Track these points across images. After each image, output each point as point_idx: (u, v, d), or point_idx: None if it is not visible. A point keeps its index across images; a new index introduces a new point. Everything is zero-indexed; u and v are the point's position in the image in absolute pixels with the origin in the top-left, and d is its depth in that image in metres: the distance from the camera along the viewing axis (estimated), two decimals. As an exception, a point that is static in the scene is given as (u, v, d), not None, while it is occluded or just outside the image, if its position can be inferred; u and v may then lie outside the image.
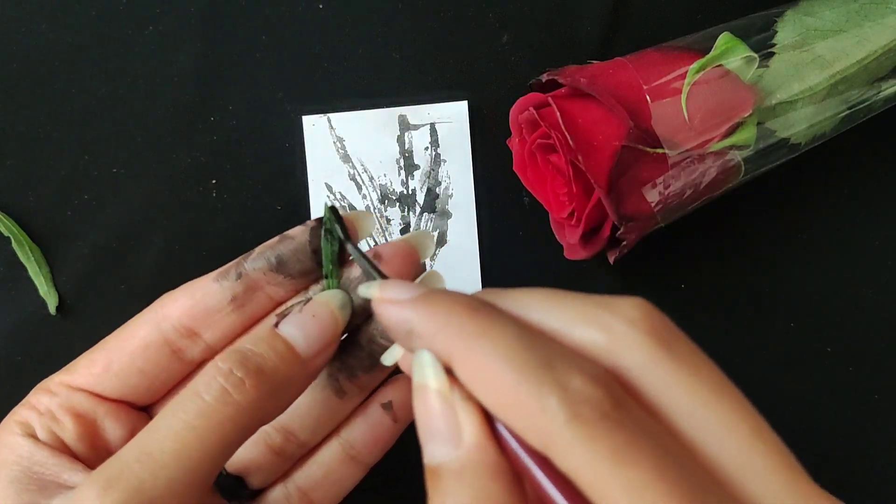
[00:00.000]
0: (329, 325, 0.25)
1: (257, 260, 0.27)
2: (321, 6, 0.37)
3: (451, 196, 0.37)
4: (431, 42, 0.37)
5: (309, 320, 0.25)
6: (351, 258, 0.27)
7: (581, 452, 0.17)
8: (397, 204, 0.37)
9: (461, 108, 0.36)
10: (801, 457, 0.37)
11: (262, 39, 0.37)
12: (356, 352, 0.27)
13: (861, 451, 0.36)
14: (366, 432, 0.29)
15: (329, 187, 0.37)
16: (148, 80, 0.37)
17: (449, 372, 0.19)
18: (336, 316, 0.26)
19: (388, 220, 0.37)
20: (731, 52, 0.31)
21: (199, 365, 0.28)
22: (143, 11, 0.37)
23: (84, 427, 0.27)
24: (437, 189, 0.37)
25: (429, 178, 0.37)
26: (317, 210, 0.37)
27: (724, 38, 0.31)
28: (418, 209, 0.37)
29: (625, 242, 0.31)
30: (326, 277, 0.27)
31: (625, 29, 0.37)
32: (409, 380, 0.20)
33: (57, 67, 0.37)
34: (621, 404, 0.18)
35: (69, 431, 0.27)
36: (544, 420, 0.17)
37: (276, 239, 0.28)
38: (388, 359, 0.23)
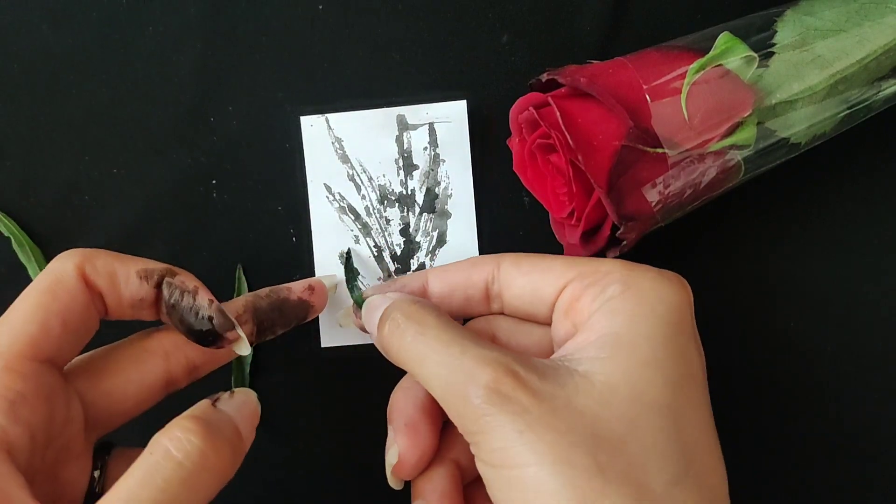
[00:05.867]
0: (255, 415, 0.29)
1: (174, 288, 0.29)
2: (321, 7, 0.37)
3: (450, 196, 0.37)
4: (431, 42, 0.37)
5: (243, 406, 0.29)
6: None
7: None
8: (396, 204, 0.37)
9: (460, 107, 0.36)
10: (800, 456, 0.37)
11: (262, 40, 0.37)
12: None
13: (861, 450, 0.36)
14: None
15: (328, 188, 0.37)
16: (148, 80, 0.37)
17: None
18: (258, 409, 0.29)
19: (388, 221, 0.37)
20: (730, 52, 0.31)
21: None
22: (144, 12, 0.37)
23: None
24: (437, 189, 0.37)
25: (428, 177, 0.37)
26: (316, 211, 0.37)
27: (723, 38, 0.31)
28: (417, 209, 0.37)
29: (625, 242, 0.31)
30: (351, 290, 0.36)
31: (625, 29, 0.37)
32: None
33: (57, 68, 0.37)
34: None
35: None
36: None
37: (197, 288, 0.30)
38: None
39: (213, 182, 0.37)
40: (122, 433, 0.30)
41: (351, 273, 0.36)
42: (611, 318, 0.27)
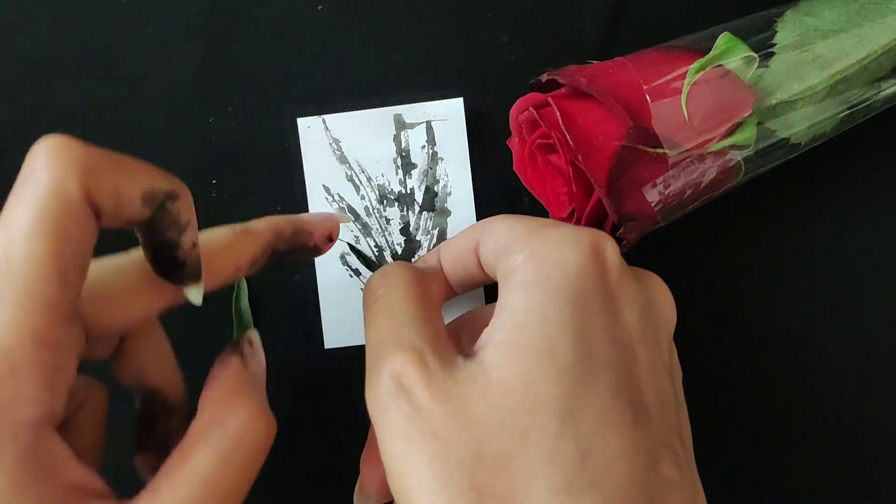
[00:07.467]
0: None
1: (167, 214, 0.26)
2: (320, 7, 0.37)
3: (449, 194, 0.37)
4: (431, 42, 0.37)
5: (261, 361, 0.29)
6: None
7: None
8: (396, 203, 0.37)
9: (457, 104, 0.36)
10: (800, 455, 0.37)
11: (262, 40, 0.37)
12: None
13: (861, 450, 0.36)
14: None
15: (327, 189, 0.37)
16: (148, 80, 0.37)
17: None
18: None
19: (388, 220, 0.37)
20: (731, 52, 0.31)
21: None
22: (143, 12, 0.37)
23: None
24: (436, 187, 0.37)
25: (426, 176, 0.37)
26: (316, 211, 0.37)
27: (724, 38, 0.31)
28: (417, 208, 0.37)
29: (625, 242, 0.31)
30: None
31: (625, 29, 0.37)
32: None
33: (57, 68, 0.37)
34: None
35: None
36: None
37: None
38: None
39: (213, 182, 0.37)
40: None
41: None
42: (510, 292, 0.25)
